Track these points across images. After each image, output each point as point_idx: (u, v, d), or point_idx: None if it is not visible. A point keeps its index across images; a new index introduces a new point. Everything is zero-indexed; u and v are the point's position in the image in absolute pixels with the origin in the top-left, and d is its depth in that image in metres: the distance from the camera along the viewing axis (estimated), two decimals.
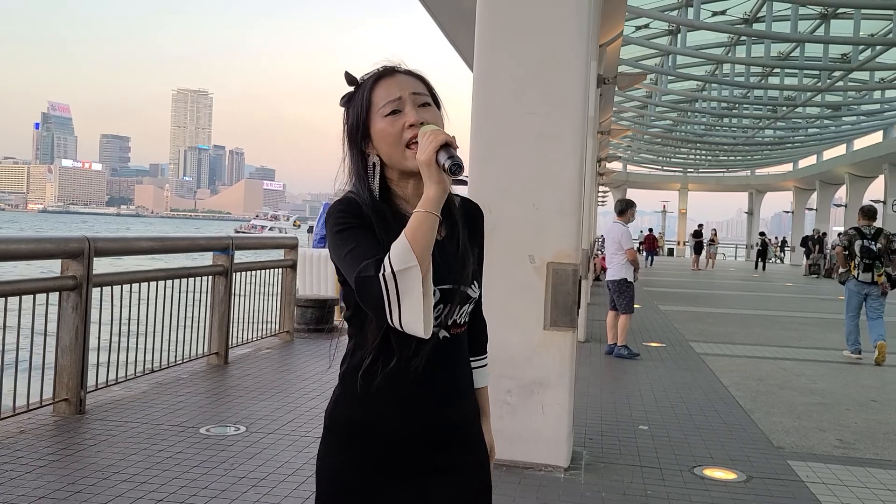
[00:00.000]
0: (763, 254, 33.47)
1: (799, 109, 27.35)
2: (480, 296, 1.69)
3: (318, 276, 10.37)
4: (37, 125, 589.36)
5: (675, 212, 53.46)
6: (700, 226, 34.30)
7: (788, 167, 47.06)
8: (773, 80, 24.01)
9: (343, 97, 1.59)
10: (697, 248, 31.74)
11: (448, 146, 1.38)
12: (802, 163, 44.86)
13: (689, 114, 31.20)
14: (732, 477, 4.28)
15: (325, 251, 10.81)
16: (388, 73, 1.55)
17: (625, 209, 8.80)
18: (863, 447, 5.07)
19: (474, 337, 1.73)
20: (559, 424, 4.24)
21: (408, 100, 1.51)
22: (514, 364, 4.22)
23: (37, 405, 4.92)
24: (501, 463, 4.17)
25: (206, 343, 6.82)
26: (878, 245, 8.56)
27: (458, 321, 1.57)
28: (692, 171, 51.44)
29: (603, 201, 40.30)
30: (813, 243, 30.77)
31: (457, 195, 1.65)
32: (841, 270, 9.11)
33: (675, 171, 51.74)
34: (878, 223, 9.20)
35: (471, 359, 1.70)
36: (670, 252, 48.87)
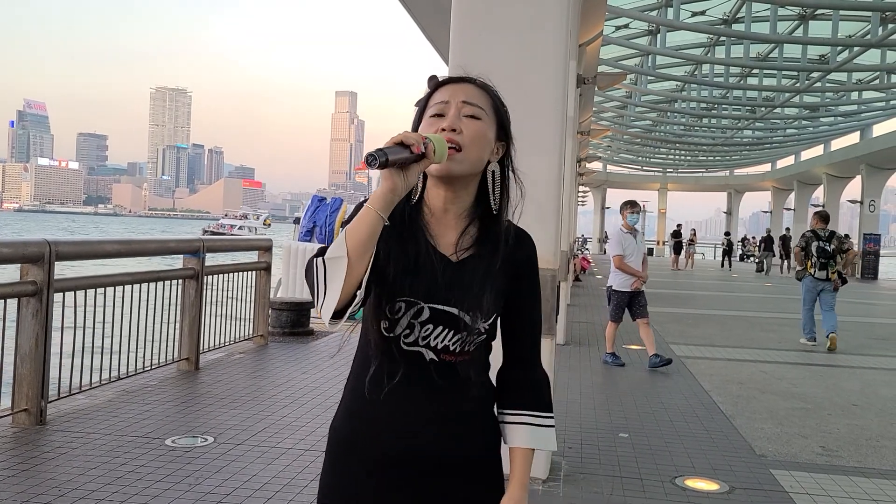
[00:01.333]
0: (728, 252, 34.15)
1: (777, 110, 27.54)
2: (528, 343, 1.59)
3: (303, 270, 10.16)
4: (12, 123, 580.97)
5: (654, 211, 53.73)
6: (679, 226, 34.46)
7: (767, 167, 47.45)
8: (752, 81, 24.15)
9: (419, 101, 1.60)
10: (676, 248, 31.88)
11: (402, 144, 1.31)
12: (780, 163, 45.25)
13: (668, 114, 31.31)
14: (715, 488, 4.18)
15: (311, 245, 10.65)
16: (455, 80, 1.54)
17: (621, 211, 8.19)
18: (846, 455, 4.99)
19: (519, 388, 1.58)
20: None
21: (453, 106, 1.48)
22: (492, 373, 4.08)
23: None
24: None
25: (176, 348, 6.63)
26: (832, 246, 9.60)
27: (454, 348, 1.47)
28: (671, 171, 51.73)
29: (583, 201, 40.42)
30: (762, 241, 31.73)
31: (509, 220, 1.57)
32: (798, 269, 10.07)
33: (654, 171, 52.00)
34: (856, 222, 10.02)
35: (507, 410, 1.57)
36: (650, 252, 49.08)
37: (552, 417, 1.58)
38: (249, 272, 7.95)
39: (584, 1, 9.44)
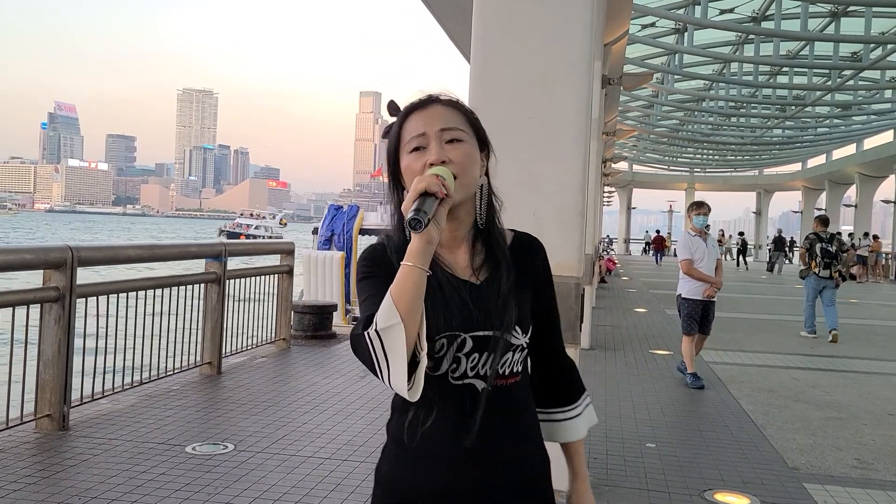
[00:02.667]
0: (742, 252, 33.93)
1: (808, 109, 27.08)
2: (556, 340, 1.62)
3: (324, 278, 10.14)
4: (44, 125, 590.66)
5: (681, 211, 53.14)
6: (707, 226, 34.05)
7: (797, 167, 46.76)
8: (782, 79, 23.74)
9: (384, 129, 1.55)
10: None
11: (427, 194, 1.30)
12: (811, 162, 44.56)
13: (695, 113, 30.92)
14: (746, 502, 4.04)
15: (330, 253, 10.75)
16: (421, 105, 1.49)
17: (687, 213, 7.53)
18: (882, 468, 4.82)
19: (557, 385, 1.63)
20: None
21: (433, 136, 1.44)
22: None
23: (17, 421, 4.73)
24: None
25: (198, 353, 6.62)
26: (834, 247, 10.62)
27: (504, 371, 1.45)
28: (699, 170, 51.14)
29: (608, 202, 40.11)
30: (773, 242, 32.38)
31: (511, 230, 1.58)
32: (802, 268, 11.22)
33: (681, 171, 51.45)
34: (889, 222, 11.06)
35: (555, 409, 1.62)
36: (674, 253, 48.60)
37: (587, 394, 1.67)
38: (272, 275, 7.94)
39: (609, 0, 9.30)
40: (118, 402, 5.49)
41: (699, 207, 7.46)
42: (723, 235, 35.65)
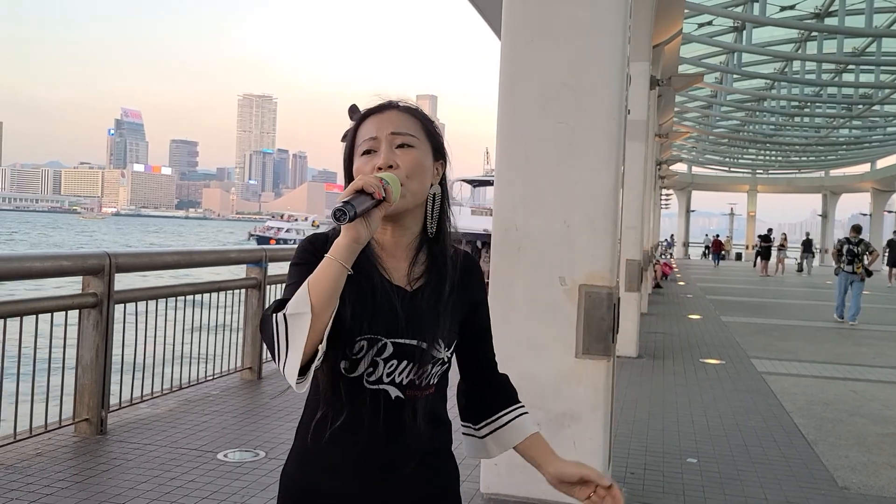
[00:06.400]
0: (766, 256, 33.32)
1: (876, 107, 26.03)
2: (493, 355, 1.63)
3: None
4: (110, 132, 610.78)
5: (743, 214, 51.83)
6: (770, 230, 33.10)
7: (866, 167, 45.08)
8: (848, 77, 22.87)
9: (344, 133, 1.56)
10: (764, 254, 30.42)
11: (362, 192, 1.28)
12: (881, 163, 42.88)
13: (756, 113, 30.06)
14: None
15: None
16: (377, 109, 1.50)
17: None
18: None
19: (498, 391, 1.62)
20: (593, 462, 3.85)
21: (383, 140, 1.44)
22: (543, 395, 3.87)
23: (56, 425, 4.81)
24: (528, 502, 3.84)
25: (239, 357, 6.67)
26: (859, 249, 13.01)
27: (420, 383, 1.43)
28: (761, 172, 49.76)
29: (666, 204, 39.34)
30: (801, 244, 33.96)
31: (455, 245, 1.56)
32: (835, 266, 13.71)
33: (742, 173, 50.14)
34: None
35: (498, 413, 1.59)
36: (738, 256, 47.34)
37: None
38: None
39: (659, 0, 9.07)
40: (157, 407, 5.55)
41: None
42: (785, 239, 34.52)
